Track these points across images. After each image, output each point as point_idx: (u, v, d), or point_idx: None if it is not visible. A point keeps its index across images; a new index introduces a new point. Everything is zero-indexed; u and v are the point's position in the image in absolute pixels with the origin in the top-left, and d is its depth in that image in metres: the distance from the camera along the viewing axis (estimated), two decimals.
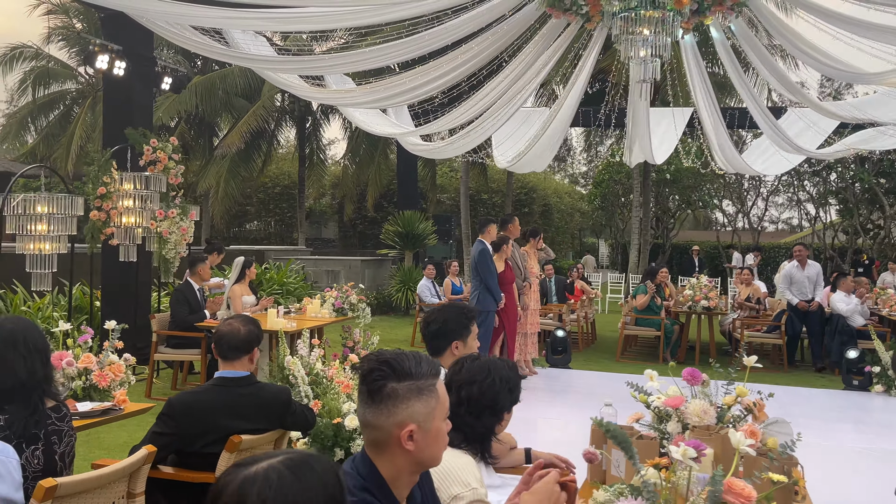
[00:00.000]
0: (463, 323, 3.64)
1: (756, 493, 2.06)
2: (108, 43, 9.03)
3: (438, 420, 1.94)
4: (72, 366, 3.99)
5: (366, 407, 1.94)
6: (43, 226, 7.55)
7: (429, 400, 1.92)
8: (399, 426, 1.89)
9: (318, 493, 1.28)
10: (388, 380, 1.92)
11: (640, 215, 22.37)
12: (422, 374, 1.94)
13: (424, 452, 1.93)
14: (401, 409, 1.90)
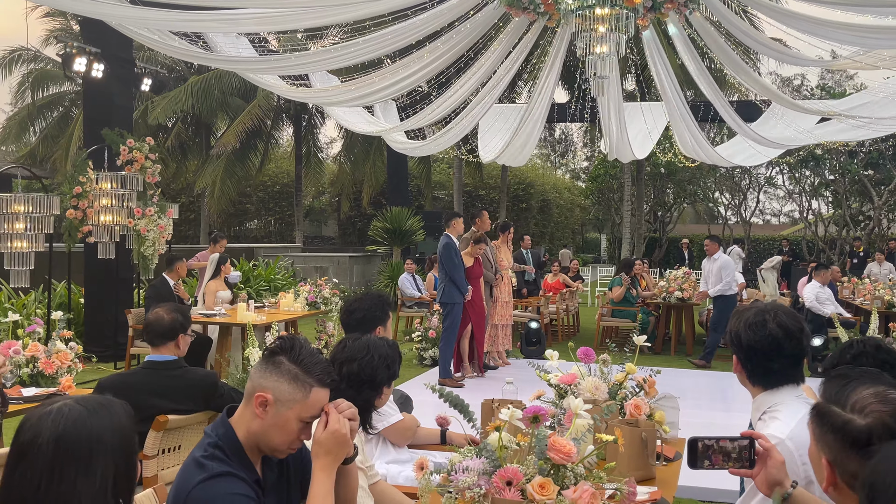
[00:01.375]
0: (384, 309, 3.92)
1: (575, 450, 2.27)
2: (87, 46, 9.28)
3: (293, 414, 2.13)
4: (19, 353, 4.22)
5: (258, 362, 2.22)
6: (20, 224, 7.81)
7: (296, 390, 2.13)
8: (262, 388, 2.13)
9: (109, 427, 1.52)
10: (284, 353, 2.17)
11: (632, 209, 22.51)
12: (308, 371, 2.16)
13: (269, 431, 2.14)
14: (272, 378, 2.14)
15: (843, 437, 1.58)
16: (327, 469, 2.20)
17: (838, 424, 1.60)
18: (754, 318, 2.53)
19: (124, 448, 1.55)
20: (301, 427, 2.17)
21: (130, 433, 1.58)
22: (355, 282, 16.20)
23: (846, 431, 1.58)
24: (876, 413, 1.57)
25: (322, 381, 2.18)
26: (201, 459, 2.12)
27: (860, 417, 1.58)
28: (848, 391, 1.63)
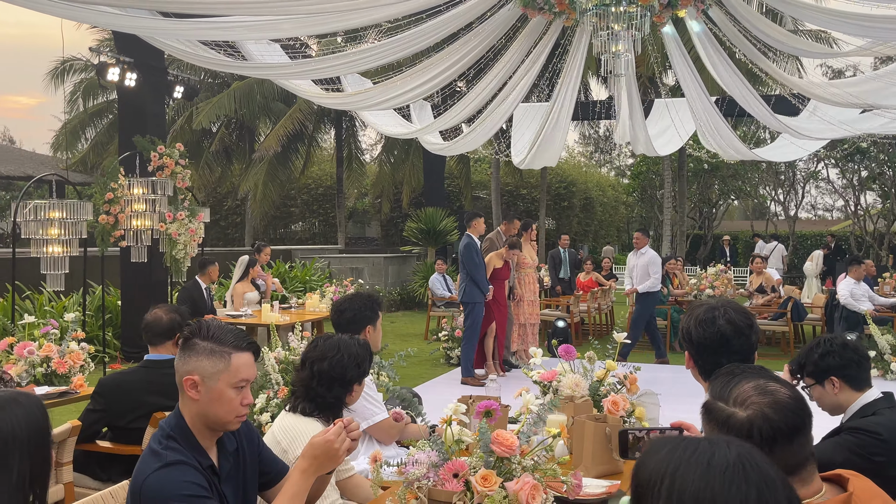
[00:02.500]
0: (373, 309, 4.02)
1: (517, 442, 2.33)
2: (120, 55, 9.58)
3: (224, 384, 2.26)
4: (33, 354, 4.43)
5: (178, 353, 2.34)
6: (55, 230, 8.10)
7: (217, 362, 2.26)
8: (187, 373, 2.26)
9: (22, 422, 1.62)
10: (195, 335, 2.30)
11: (672, 206, 22.27)
12: (222, 341, 2.29)
13: (209, 408, 2.26)
14: (192, 360, 2.27)
15: (728, 430, 1.63)
16: (307, 473, 2.31)
17: (722, 418, 1.64)
18: (704, 315, 2.56)
19: (38, 442, 1.65)
20: (237, 393, 2.29)
21: (44, 427, 1.69)
22: (390, 282, 16.36)
23: (730, 425, 1.62)
24: (756, 405, 1.61)
25: (238, 346, 2.29)
26: (157, 449, 2.25)
27: (741, 410, 1.62)
28: (731, 386, 1.68)
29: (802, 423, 1.62)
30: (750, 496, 1.15)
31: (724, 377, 1.73)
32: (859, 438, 2.82)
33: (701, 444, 1.24)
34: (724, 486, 1.16)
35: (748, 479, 1.17)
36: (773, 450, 1.59)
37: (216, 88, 25.46)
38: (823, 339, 3.10)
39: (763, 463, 1.20)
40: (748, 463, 1.19)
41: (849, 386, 3.01)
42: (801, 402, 1.65)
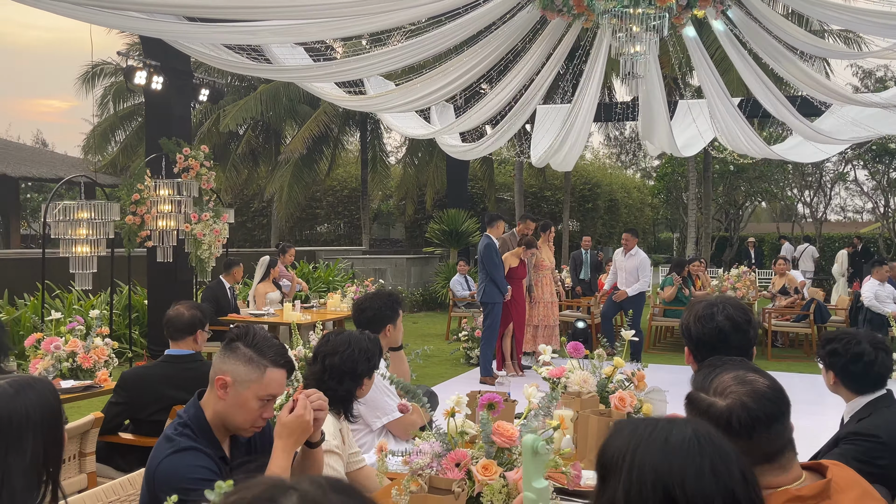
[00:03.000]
0: (393, 308, 4.12)
1: (517, 433, 2.41)
2: (146, 59, 9.76)
3: (251, 394, 2.35)
4: (59, 349, 4.57)
5: (219, 350, 2.45)
6: (83, 230, 8.29)
7: (252, 372, 2.36)
8: (221, 372, 2.36)
9: (36, 404, 1.72)
10: (240, 340, 2.40)
11: (697, 207, 22.17)
12: (263, 354, 2.39)
13: (230, 411, 2.37)
14: (230, 362, 2.37)
15: (708, 419, 1.69)
16: (287, 450, 2.39)
17: (703, 408, 1.71)
18: (703, 311, 2.62)
19: (50, 423, 1.75)
20: (260, 406, 2.38)
21: (56, 410, 1.79)
22: (413, 283, 16.47)
23: (710, 414, 1.69)
24: (734, 394, 1.68)
25: (276, 363, 2.38)
26: (171, 435, 2.36)
27: (721, 399, 1.68)
28: (711, 378, 1.74)
29: (780, 412, 1.68)
30: (704, 467, 1.23)
31: (706, 369, 1.80)
32: (859, 445, 2.82)
33: (660, 423, 1.31)
34: (680, 459, 1.23)
35: (703, 451, 1.24)
36: (752, 437, 1.65)
37: (243, 91, 25.75)
38: (845, 338, 3.06)
39: (718, 438, 1.27)
40: (703, 438, 1.26)
41: (845, 388, 3.04)
42: (778, 392, 1.71)
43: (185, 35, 8.24)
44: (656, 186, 31.33)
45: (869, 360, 2.98)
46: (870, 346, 3.01)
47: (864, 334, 3.07)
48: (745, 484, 1.24)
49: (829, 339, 3.12)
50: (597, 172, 34.04)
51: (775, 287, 12.35)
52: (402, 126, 12.30)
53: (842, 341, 3.04)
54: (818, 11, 7.42)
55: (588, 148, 44.00)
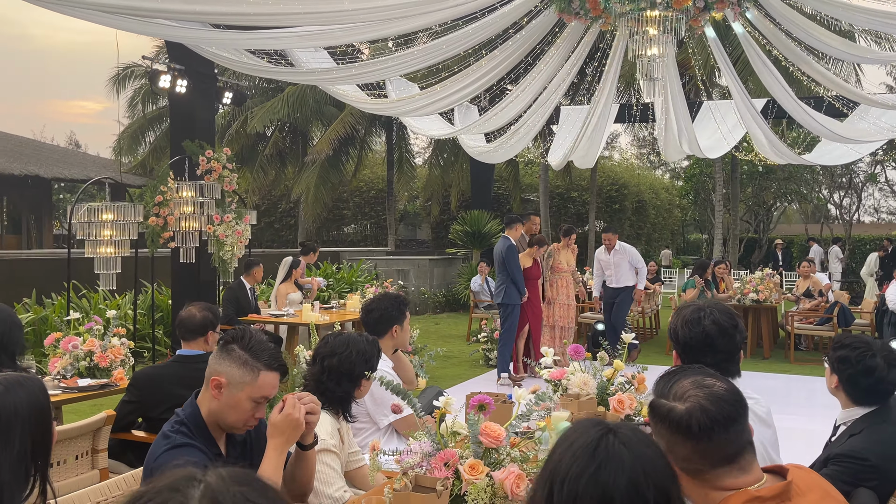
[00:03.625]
0: (400, 309, 4.18)
1: (504, 434, 2.46)
2: (171, 63, 9.93)
3: (244, 395, 2.44)
4: (77, 348, 4.69)
5: (215, 351, 2.54)
6: (107, 231, 8.46)
7: (246, 374, 2.44)
8: (216, 373, 2.45)
9: (25, 401, 1.81)
10: (236, 342, 2.49)
11: (724, 209, 22.01)
12: (257, 357, 2.47)
13: (224, 411, 2.45)
14: (225, 363, 2.46)
15: (669, 423, 1.73)
16: (279, 448, 2.47)
17: (664, 413, 1.75)
18: (691, 316, 2.65)
19: (38, 419, 1.83)
20: (253, 407, 2.46)
21: (45, 407, 1.87)
22: (436, 284, 16.53)
23: (670, 418, 1.73)
24: (693, 398, 1.72)
25: (269, 366, 2.45)
26: (168, 432, 2.46)
27: (680, 404, 1.73)
28: (671, 383, 1.78)
29: (738, 414, 1.73)
30: (587, 470, 1.32)
31: (666, 377, 1.84)
32: (846, 467, 2.77)
33: (585, 425, 1.38)
34: (571, 459, 1.32)
35: (595, 456, 1.33)
36: (712, 439, 1.70)
37: (270, 93, 26.02)
38: (859, 347, 2.95)
39: (621, 448, 1.33)
40: (604, 444, 1.34)
41: (846, 395, 3.00)
42: (736, 395, 1.75)
43: (211, 41, 8.38)
44: (684, 187, 31.09)
45: (880, 376, 2.89)
46: (883, 362, 2.90)
47: (879, 346, 2.96)
48: (630, 494, 1.30)
49: (842, 344, 3.01)
50: (624, 173, 33.88)
51: (799, 290, 12.25)
52: (423, 127, 12.37)
53: (856, 350, 2.94)
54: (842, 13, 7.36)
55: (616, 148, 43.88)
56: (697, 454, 1.72)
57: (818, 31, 8.02)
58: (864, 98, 9.14)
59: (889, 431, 2.87)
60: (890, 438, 2.85)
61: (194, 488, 0.98)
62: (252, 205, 29.46)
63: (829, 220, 30.84)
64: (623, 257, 10.01)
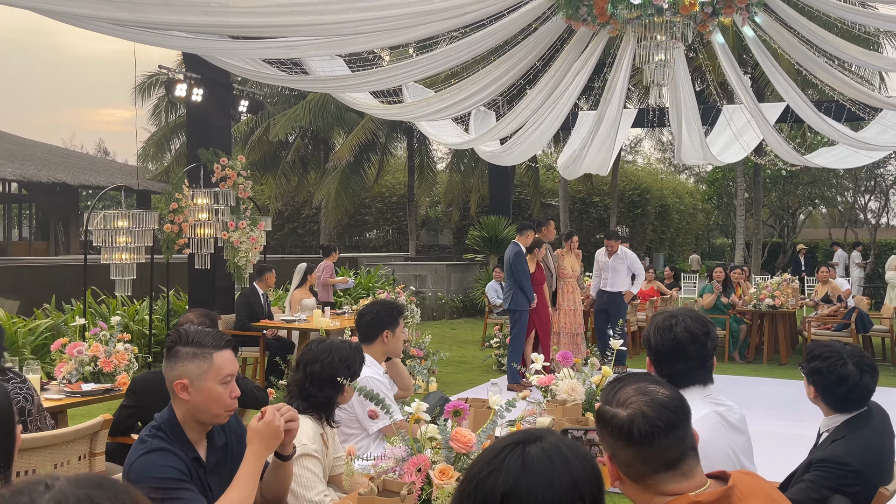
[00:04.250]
0: (393, 315, 4.23)
1: (474, 440, 2.49)
2: (188, 72, 10.07)
3: (211, 382, 2.50)
4: (81, 353, 4.80)
5: (164, 361, 2.58)
6: (123, 238, 8.61)
7: (201, 363, 2.50)
8: (176, 378, 2.51)
9: None
10: (177, 343, 2.54)
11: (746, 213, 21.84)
12: (202, 344, 2.53)
13: (201, 406, 2.50)
14: (178, 366, 2.51)
15: (612, 429, 1.76)
16: (257, 454, 2.52)
17: (607, 419, 1.78)
18: (663, 323, 2.67)
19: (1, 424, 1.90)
20: (225, 388, 2.52)
21: (7, 410, 1.94)
22: (453, 289, 16.58)
23: (613, 424, 1.76)
24: (635, 404, 1.75)
25: (217, 346, 2.52)
26: (144, 437, 2.52)
27: (623, 410, 1.76)
28: (615, 390, 1.81)
29: (678, 420, 1.75)
30: (522, 483, 1.34)
31: (612, 384, 1.87)
32: (829, 472, 2.77)
33: (508, 438, 1.40)
34: (494, 471, 1.35)
35: (525, 467, 1.35)
36: (653, 444, 1.72)
37: (292, 100, 26.23)
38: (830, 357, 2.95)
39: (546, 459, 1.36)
40: (529, 456, 1.37)
41: (825, 403, 3.01)
42: (678, 401, 1.78)
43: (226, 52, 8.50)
44: (707, 192, 30.87)
45: (853, 383, 2.90)
46: (855, 368, 2.91)
47: (850, 353, 2.96)
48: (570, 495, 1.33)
49: (813, 354, 3.02)
50: (647, 177, 33.73)
51: (818, 295, 12.14)
52: (438, 134, 12.43)
53: (827, 360, 2.94)
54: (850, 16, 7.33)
55: (639, 153, 43.70)
56: (639, 459, 1.75)
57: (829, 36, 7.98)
58: (884, 102, 9.05)
59: (870, 436, 2.89)
60: (870, 443, 2.87)
61: (41, 492, 1.01)
62: (275, 211, 29.76)
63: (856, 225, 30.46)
64: (622, 262, 9.98)
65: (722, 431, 2.57)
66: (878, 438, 2.93)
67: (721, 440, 2.55)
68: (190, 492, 2.41)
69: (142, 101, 28.13)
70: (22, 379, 3.73)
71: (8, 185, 27.16)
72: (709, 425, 2.54)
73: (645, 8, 7.50)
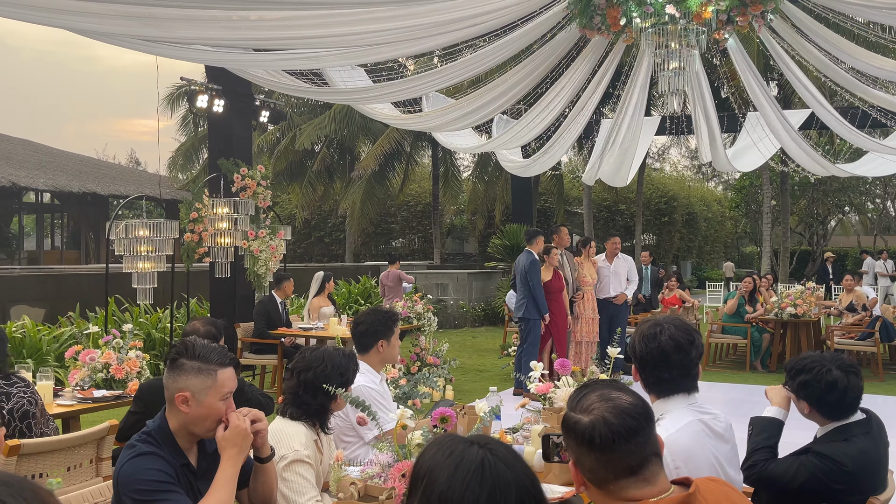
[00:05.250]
0: (387, 324, 4.24)
1: None
2: (209, 83, 10.22)
3: (213, 398, 2.55)
4: (94, 360, 4.89)
5: (165, 371, 2.63)
6: (143, 247, 8.74)
7: (205, 379, 2.55)
8: (178, 390, 2.56)
9: None
10: (182, 356, 2.60)
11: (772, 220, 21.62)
12: (208, 360, 2.58)
13: (197, 420, 2.56)
14: (182, 378, 2.57)
15: (575, 435, 1.78)
16: (233, 458, 2.56)
17: (570, 425, 1.80)
18: (648, 331, 2.68)
19: None
20: (224, 404, 2.57)
21: None
22: (474, 298, 16.60)
23: (576, 430, 1.78)
24: (597, 410, 1.77)
25: (222, 363, 2.57)
26: (134, 442, 2.58)
27: (585, 416, 1.78)
28: (580, 397, 1.83)
29: (640, 426, 1.77)
30: (481, 497, 1.34)
31: (578, 391, 1.89)
32: (824, 464, 2.83)
33: (458, 447, 1.42)
34: (462, 486, 1.35)
35: (483, 482, 1.36)
36: (614, 450, 1.74)
37: (318, 110, 26.46)
38: (814, 367, 2.98)
39: (505, 468, 1.38)
40: (489, 467, 1.37)
41: (820, 415, 3.01)
42: (640, 408, 1.79)
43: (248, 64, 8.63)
44: (734, 199, 30.59)
45: (843, 387, 2.92)
46: (841, 372, 2.94)
47: (830, 358, 3.00)
48: None
49: (796, 369, 3.04)
50: (674, 185, 33.51)
51: (843, 303, 11.99)
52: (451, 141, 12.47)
53: (812, 371, 2.97)
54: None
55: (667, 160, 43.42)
56: (601, 465, 1.76)
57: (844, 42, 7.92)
58: None
59: (868, 444, 2.92)
60: (868, 450, 2.89)
61: None
62: (301, 220, 29.98)
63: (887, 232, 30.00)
64: (624, 266, 9.91)
65: (706, 440, 2.57)
66: (875, 448, 2.93)
67: (704, 448, 2.55)
68: (177, 494, 2.46)
69: (171, 112, 28.58)
70: (26, 384, 3.82)
71: (41, 195, 27.65)
72: (692, 433, 2.55)
73: (659, 17, 7.51)
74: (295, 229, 30.27)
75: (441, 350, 9.31)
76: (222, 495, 2.46)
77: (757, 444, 3.01)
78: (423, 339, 9.24)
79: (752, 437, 3.06)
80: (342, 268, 20.78)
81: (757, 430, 3.06)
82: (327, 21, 6.94)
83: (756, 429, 3.07)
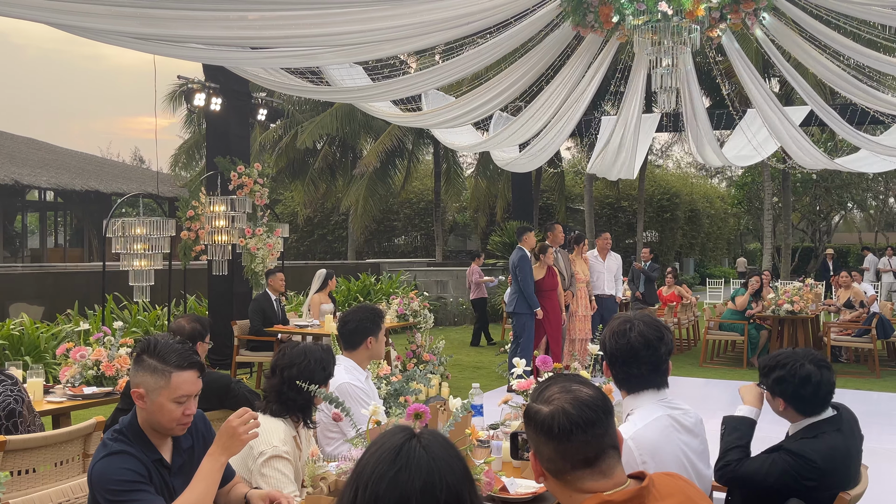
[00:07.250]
0: (375, 321, 4.26)
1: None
2: (206, 82, 10.27)
3: (164, 399, 2.56)
4: (84, 357, 4.93)
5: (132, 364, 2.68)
6: (140, 245, 8.80)
7: (159, 380, 2.57)
8: (135, 385, 2.61)
9: None
10: (145, 352, 2.63)
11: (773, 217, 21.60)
12: (166, 361, 2.60)
13: (153, 417, 2.59)
14: (139, 374, 2.61)
15: (535, 425, 1.82)
16: (214, 455, 2.58)
17: (531, 415, 1.84)
18: (618, 328, 2.71)
19: None
20: (177, 407, 2.58)
21: None
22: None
23: (536, 420, 1.82)
24: (557, 401, 1.81)
25: (180, 366, 2.58)
26: (106, 441, 2.62)
27: (545, 406, 1.81)
28: (542, 389, 1.87)
29: (598, 418, 1.80)
30: (388, 473, 1.40)
31: (541, 384, 1.93)
32: (796, 462, 2.86)
33: (395, 434, 1.46)
34: (375, 462, 1.40)
35: (395, 461, 1.41)
36: (571, 440, 1.77)
37: (320, 108, 26.49)
38: (788, 363, 3.01)
39: (424, 453, 1.41)
40: (406, 451, 1.41)
41: (795, 411, 3.03)
42: (599, 401, 1.83)
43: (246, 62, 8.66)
44: (736, 196, 30.55)
45: (816, 381, 2.96)
46: (814, 367, 2.97)
47: (802, 354, 3.03)
48: (424, 494, 1.38)
49: (770, 366, 3.08)
50: (676, 182, 33.47)
51: (840, 300, 11.99)
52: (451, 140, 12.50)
53: (785, 367, 3.00)
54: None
55: (669, 157, 43.37)
56: (558, 455, 1.80)
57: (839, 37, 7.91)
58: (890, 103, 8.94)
59: (838, 441, 2.94)
60: (838, 446, 2.92)
61: None
62: (304, 218, 30.03)
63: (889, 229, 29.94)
64: (615, 262, 9.94)
65: (674, 434, 2.60)
66: (845, 444, 2.96)
67: (672, 443, 2.58)
68: (146, 493, 2.49)
69: (174, 110, 28.60)
70: (13, 381, 3.86)
71: (44, 194, 27.77)
72: (660, 428, 2.58)
73: (651, 14, 7.52)
74: (297, 227, 30.41)
75: (437, 347, 9.34)
76: (200, 490, 2.49)
77: (729, 443, 3.03)
78: (420, 336, 9.27)
79: (725, 436, 3.08)
80: (342, 265, 20.81)
81: (729, 429, 3.08)
82: (320, 21, 6.97)
83: (728, 428, 3.09)
